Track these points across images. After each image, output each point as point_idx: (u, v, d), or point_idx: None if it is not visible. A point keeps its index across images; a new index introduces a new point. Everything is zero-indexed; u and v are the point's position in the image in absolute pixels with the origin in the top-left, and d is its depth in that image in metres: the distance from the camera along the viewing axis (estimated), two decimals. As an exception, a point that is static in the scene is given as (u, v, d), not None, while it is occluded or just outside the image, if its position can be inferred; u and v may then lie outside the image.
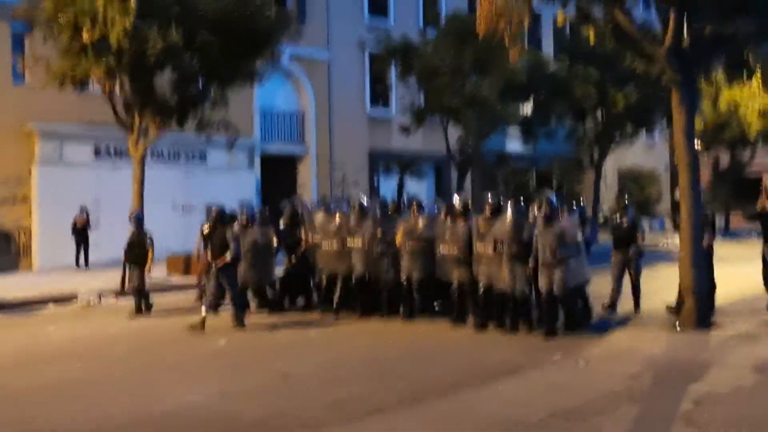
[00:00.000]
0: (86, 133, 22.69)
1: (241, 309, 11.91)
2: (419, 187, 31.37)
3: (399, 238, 12.11)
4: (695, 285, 11.10)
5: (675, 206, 40.48)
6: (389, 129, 30.71)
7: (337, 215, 13.02)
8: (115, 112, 18.09)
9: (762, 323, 11.42)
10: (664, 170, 41.23)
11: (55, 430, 6.92)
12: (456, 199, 11.97)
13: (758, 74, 25.38)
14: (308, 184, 29.38)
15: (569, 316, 10.90)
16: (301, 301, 13.70)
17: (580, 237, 11.06)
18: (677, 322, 11.06)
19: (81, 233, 20.94)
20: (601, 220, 32.22)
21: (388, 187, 30.67)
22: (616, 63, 24.28)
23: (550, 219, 10.71)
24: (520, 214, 11.17)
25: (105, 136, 22.64)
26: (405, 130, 26.73)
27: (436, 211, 12.44)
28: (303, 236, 13.38)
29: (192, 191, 24.81)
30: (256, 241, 12.94)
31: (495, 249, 10.90)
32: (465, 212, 11.58)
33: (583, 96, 26.64)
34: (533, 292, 11.07)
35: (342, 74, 29.78)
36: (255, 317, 12.52)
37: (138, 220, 13.60)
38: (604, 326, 11.29)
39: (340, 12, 29.50)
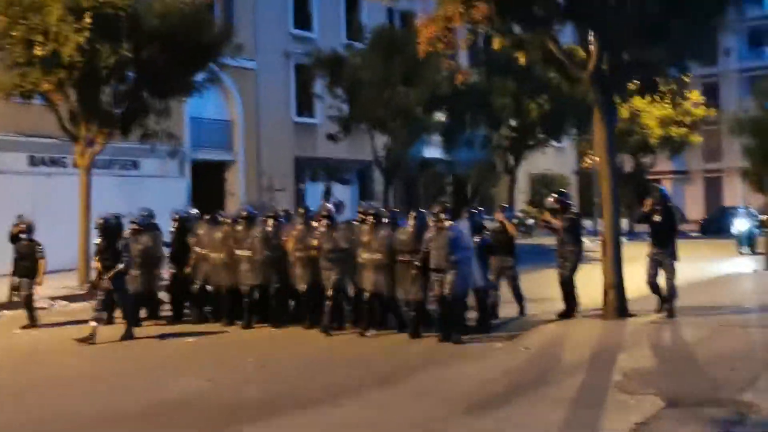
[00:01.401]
0: (22, 143, 23.01)
1: (132, 322, 11.99)
2: (345, 193, 32.56)
3: (289, 245, 12.36)
4: (616, 280, 12.63)
5: (584, 211, 42.89)
6: (315, 136, 31.79)
7: (223, 226, 13.19)
8: (61, 123, 18.65)
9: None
10: (572, 174, 43.54)
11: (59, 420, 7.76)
12: (326, 206, 12.61)
13: (667, 90, 27.56)
14: (237, 190, 30.20)
15: (457, 322, 11.07)
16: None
17: (470, 243, 11.35)
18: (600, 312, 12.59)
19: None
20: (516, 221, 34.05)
21: (314, 193, 31.72)
22: (530, 75, 26.26)
23: (442, 225, 11.00)
24: (421, 223, 11.52)
25: (40, 146, 23.06)
26: (332, 138, 27.89)
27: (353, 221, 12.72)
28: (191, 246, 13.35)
29: (126, 199, 25.29)
30: (146, 248, 13.02)
31: (393, 258, 11.35)
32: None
33: (501, 107, 28.36)
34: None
35: (269, 83, 30.75)
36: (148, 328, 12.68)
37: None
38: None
39: (266, 23, 30.47)
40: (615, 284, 12.64)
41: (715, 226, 38.21)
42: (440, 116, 30.22)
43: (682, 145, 37.41)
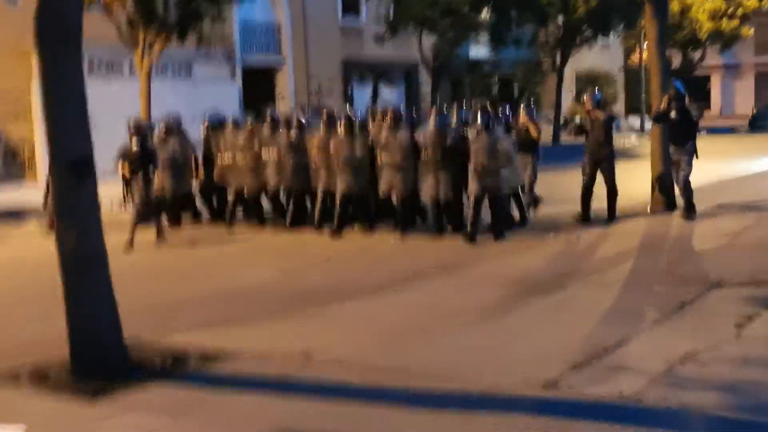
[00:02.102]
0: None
1: (159, 224, 11.83)
2: (392, 95, 32.80)
3: (313, 151, 12.20)
4: (664, 175, 13.01)
5: (631, 107, 42.62)
6: (361, 38, 31.87)
7: (248, 128, 13.04)
8: (119, 30, 19.18)
9: (715, 207, 13.37)
10: (618, 72, 43.09)
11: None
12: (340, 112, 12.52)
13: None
14: (286, 93, 30.65)
15: (499, 221, 11.19)
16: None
17: (510, 146, 11.35)
18: (648, 207, 13.02)
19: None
20: (561, 121, 34.17)
21: (362, 96, 32.04)
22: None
23: (485, 128, 10.99)
24: (444, 122, 11.55)
25: (98, 53, 23.65)
26: (379, 39, 28.02)
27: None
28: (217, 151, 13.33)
29: (181, 104, 25.95)
30: (174, 152, 12.92)
31: (419, 157, 11.32)
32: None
33: (548, 3, 28.13)
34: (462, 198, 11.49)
35: (314, -15, 30.76)
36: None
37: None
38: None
39: (311, -77, 30.27)
40: (663, 179, 13.03)
41: (763, 122, 37.81)
42: (487, 15, 30.12)
43: (732, 38, 36.72)
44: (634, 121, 40.17)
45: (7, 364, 6.07)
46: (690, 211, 12.12)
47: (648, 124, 16.57)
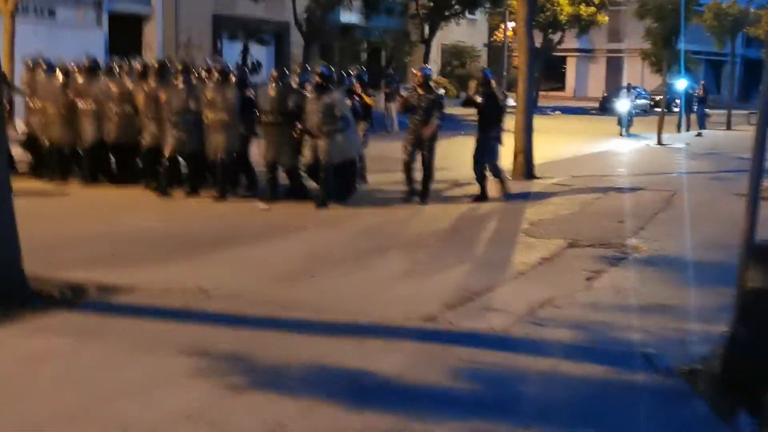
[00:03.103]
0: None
1: None
2: (262, 54, 32.79)
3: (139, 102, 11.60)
4: (525, 146, 14.00)
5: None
6: (234, -6, 31.64)
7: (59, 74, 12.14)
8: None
9: (569, 178, 14.53)
10: (482, 47, 44.58)
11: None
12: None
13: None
14: (154, 44, 30.05)
15: (326, 190, 10.82)
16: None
17: (348, 111, 11.07)
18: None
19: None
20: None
21: (232, 52, 31.84)
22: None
23: (320, 89, 10.74)
24: (284, 84, 11.17)
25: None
26: (253, -3, 27.95)
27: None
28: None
29: (41, 47, 25.03)
30: None
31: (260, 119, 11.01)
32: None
33: (421, -24, 28.84)
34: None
35: (188, -66, 30.21)
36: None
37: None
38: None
39: None
40: (524, 150, 14.02)
41: (611, 104, 40.29)
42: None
43: (589, 24, 38.78)
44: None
45: None
46: (504, 189, 11.99)
47: (510, 101, 17.60)
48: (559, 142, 20.60)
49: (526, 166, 13.98)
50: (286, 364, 4.91)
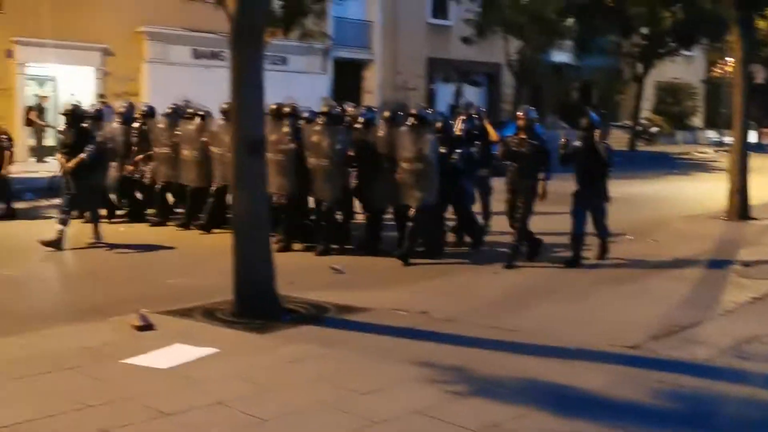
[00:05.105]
0: (188, 37, 25.36)
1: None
2: (475, 95, 33.90)
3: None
4: (740, 186, 13.86)
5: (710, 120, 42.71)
6: (448, 38, 33.04)
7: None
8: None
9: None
10: (699, 83, 43.29)
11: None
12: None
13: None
14: (373, 88, 32.01)
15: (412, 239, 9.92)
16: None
17: (433, 154, 9.81)
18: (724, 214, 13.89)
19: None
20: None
21: (445, 94, 33.22)
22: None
23: (415, 130, 9.77)
24: (335, 121, 10.49)
25: (203, 41, 25.36)
26: (467, 40, 29.14)
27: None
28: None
29: (275, 92, 27.42)
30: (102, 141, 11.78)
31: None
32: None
33: (635, 14, 28.86)
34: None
35: (407, -16, 32.08)
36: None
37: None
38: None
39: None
40: (740, 189, 13.90)
41: None
42: (572, 22, 30.97)
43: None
44: (712, 134, 40.40)
45: (174, 306, 7.40)
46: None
47: (727, 138, 17.34)
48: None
49: (741, 207, 13.84)
50: (500, 376, 5.60)
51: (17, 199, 14.01)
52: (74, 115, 10.95)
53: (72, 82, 23.65)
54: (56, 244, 10.36)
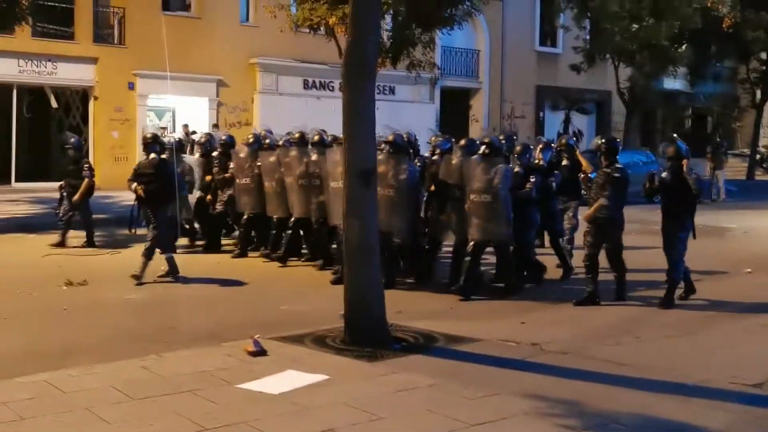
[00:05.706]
0: (299, 68, 26.03)
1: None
2: (583, 123, 33.47)
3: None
4: None
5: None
6: (556, 66, 32.77)
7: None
8: (341, 52, 21.11)
9: None
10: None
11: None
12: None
13: None
14: (480, 116, 32.00)
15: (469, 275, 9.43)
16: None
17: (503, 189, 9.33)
18: None
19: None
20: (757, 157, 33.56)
21: (553, 122, 32.89)
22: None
23: (486, 158, 9.43)
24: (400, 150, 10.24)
25: (312, 72, 26.01)
26: (576, 68, 28.79)
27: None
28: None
29: (384, 121, 27.78)
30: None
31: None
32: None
33: (752, 40, 27.93)
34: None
35: (514, 13, 32.03)
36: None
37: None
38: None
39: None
40: None
41: None
42: (686, 49, 30.23)
43: None
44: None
45: (284, 333, 7.53)
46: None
47: None
48: None
49: None
50: (615, 411, 5.45)
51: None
52: (153, 144, 10.75)
53: (189, 113, 24.63)
54: (170, 274, 10.37)
